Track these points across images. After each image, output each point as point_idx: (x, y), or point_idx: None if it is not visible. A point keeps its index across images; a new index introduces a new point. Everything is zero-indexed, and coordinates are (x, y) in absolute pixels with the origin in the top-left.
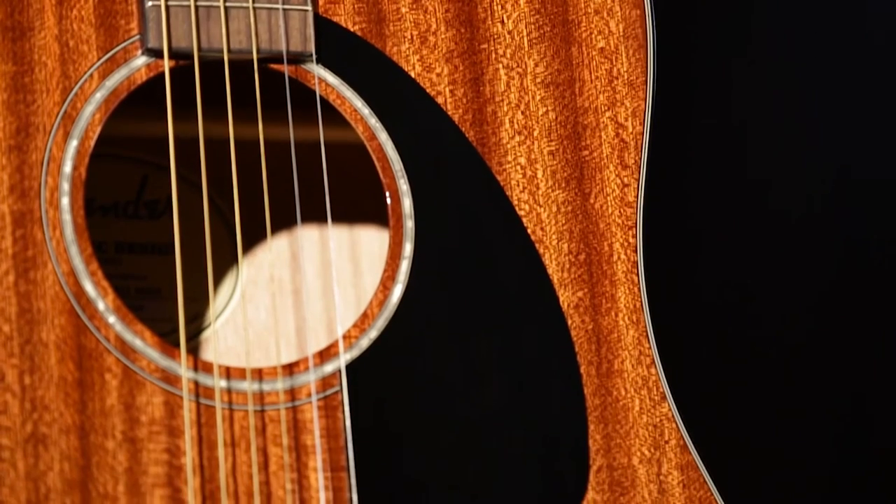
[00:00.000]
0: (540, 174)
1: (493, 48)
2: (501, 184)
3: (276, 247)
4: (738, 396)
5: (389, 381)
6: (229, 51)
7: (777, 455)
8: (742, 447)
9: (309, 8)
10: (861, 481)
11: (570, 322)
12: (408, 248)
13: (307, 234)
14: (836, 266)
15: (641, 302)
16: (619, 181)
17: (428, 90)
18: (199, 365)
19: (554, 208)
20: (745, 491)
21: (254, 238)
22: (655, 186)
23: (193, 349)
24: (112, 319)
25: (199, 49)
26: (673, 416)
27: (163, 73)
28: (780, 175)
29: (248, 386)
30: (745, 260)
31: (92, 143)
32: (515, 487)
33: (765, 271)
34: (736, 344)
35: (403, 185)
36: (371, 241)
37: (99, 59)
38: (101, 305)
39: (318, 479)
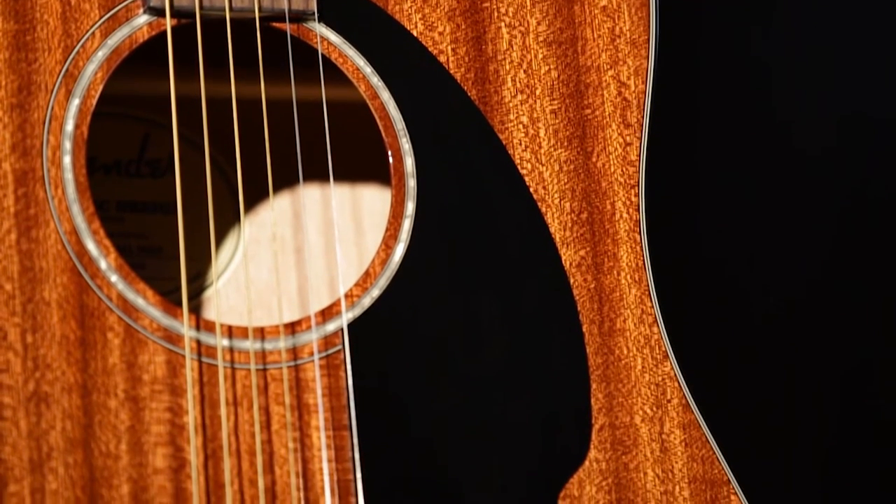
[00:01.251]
0: (542, 133)
1: (495, 6)
2: (503, 142)
3: (278, 206)
4: (740, 355)
5: (391, 340)
6: (231, 9)
7: (779, 414)
8: (744, 406)
9: None
10: (863, 441)
11: (572, 281)
12: (410, 207)
13: (309, 193)
14: (839, 225)
15: (643, 261)
16: (621, 140)
17: (430, 49)
18: (201, 324)
19: (556, 167)
20: (746, 450)
21: (256, 197)
22: (658, 145)
23: (195, 308)
24: (114, 278)
25: (201, 7)
26: (675, 375)
27: (164, 32)
28: (783, 133)
29: (250, 345)
30: (747, 218)
31: (94, 101)
32: (517, 446)
33: (768, 229)
34: (738, 303)
35: (405, 144)
36: (373, 200)
37: (101, 17)
38: (103, 264)
39: (321, 438)
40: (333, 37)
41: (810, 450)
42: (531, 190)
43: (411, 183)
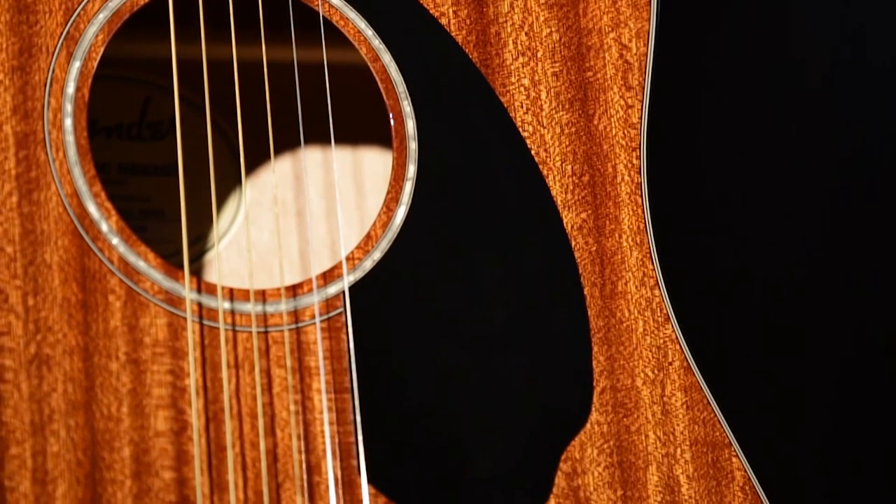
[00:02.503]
0: (543, 95)
1: None
2: (505, 105)
3: (279, 168)
4: (741, 317)
5: (393, 303)
6: None
7: (781, 376)
8: (746, 369)
9: None
10: (866, 403)
11: (573, 243)
12: (411, 170)
13: (310, 156)
14: (842, 188)
15: (645, 223)
16: (622, 102)
17: (431, 11)
18: (202, 286)
19: (557, 130)
20: (748, 412)
21: (257, 160)
22: (659, 108)
23: (197, 271)
24: (115, 241)
25: None
26: (676, 337)
27: None
28: (788, 95)
29: (251, 307)
30: (749, 179)
31: (95, 64)
32: (519, 409)
33: (769, 190)
34: (740, 266)
35: (407, 107)
36: (374, 163)
37: None
38: (104, 227)
39: (322, 401)
40: None
41: (812, 412)
42: (532, 153)
43: (413, 145)
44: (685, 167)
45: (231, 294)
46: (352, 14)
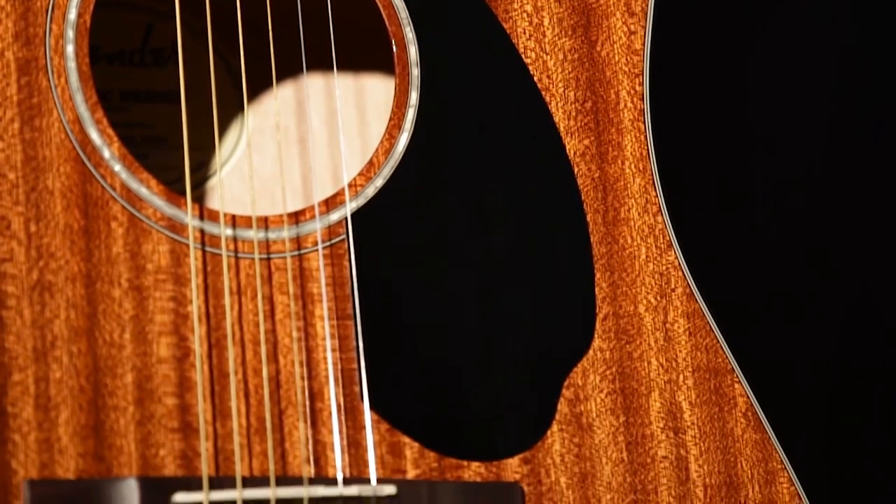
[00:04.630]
0: (546, 22)
1: None
2: (507, 31)
3: (281, 95)
4: (744, 244)
5: (395, 229)
6: None
7: (785, 302)
8: (749, 295)
9: None
10: (871, 330)
11: (576, 170)
12: (414, 97)
13: (313, 83)
14: (844, 110)
15: (648, 150)
16: (625, 28)
17: None
18: (204, 213)
19: (560, 56)
20: (751, 338)
21: (259, 86)
22: (663, 33)
23: (199, 198)
24: (118, 167)
25: None
26: (679, 264)
27: None
28: (792, 19)
29: (253, 234)
30: (752, 106)
31: None
32: (521, 336)
33: (772, 118)
34: (743, 192)
35: (409, 33)
36: (377, 90)
37: None
38: (106, 153)
39: (324, 328)
40: None
41: (816, 338)
42: (535, 79)
43: (415, 72)
44: (688, 93)
45: (233, 221)
46: None
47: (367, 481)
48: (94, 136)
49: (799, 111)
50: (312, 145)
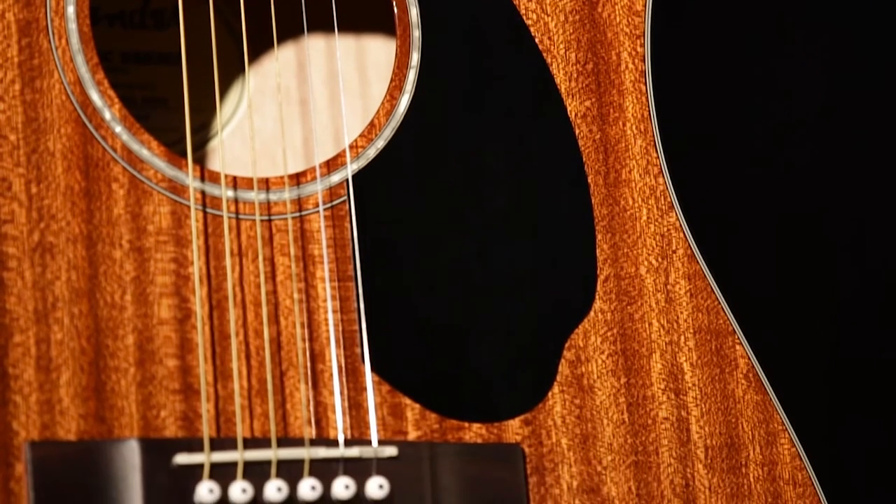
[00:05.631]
0: None
1: None
2: None
3: (282, 56)
4: (745, 205)
5: (396, 191)
6: None
7: (787, 263)
8: (750, 256)
9: None
10: (875, 289)
11: (577, 132)
12: (415, 58)
13: (314, 44)
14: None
15: (649, 111)
16: None
17: None
18: (205, 174)
19: (561, 17)
20: (752, 300)
21: (260, 47)
22: None
23: (200, 159)
24: (118, 129)
25: None
26: (680, 225)
27: None
28: None
29: (254, 195)
30: (756, 66)
31: None
32: (522, 297)
33: (775, 77)
34: (744, 152)
35: None
36: (378, 51)
37: None
38: (107, 115)
39: (326, 289)
40: None
41: (818, 299)
42: (536, 40)
43: (416, 33)
44: (690, 54)
45: (234, 182)
46: None
47: (368, 443)
48: (95, 97)
49: (803, 70)
50: (313, 106)
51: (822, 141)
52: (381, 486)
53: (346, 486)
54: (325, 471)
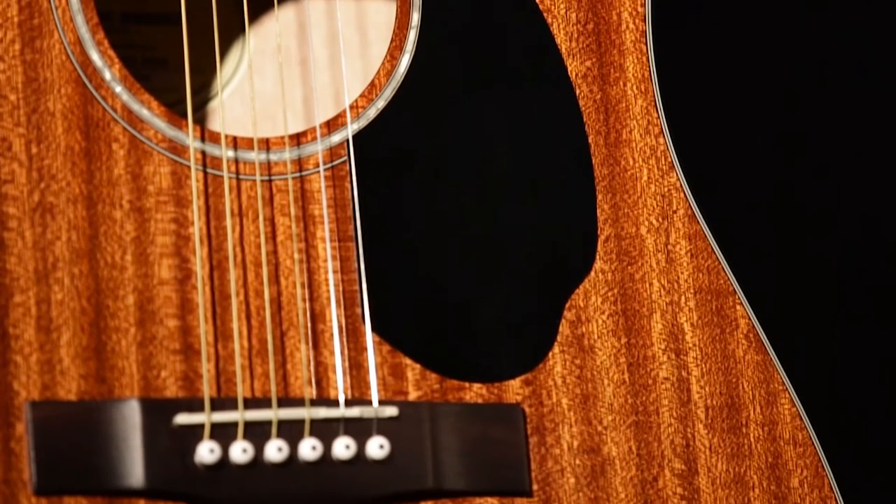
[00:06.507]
0: None
1: None
2: None
3: (282, 17)
4: (746, 165)
5: (397, 151)
6: None
7: (787, 223)
8: (751, 216)
9: None
10: (876, 249)
11: (578, 92)
12: (415, 18)
13: (314, 4)
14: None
15: (650, 71)
16: None
17: None
18: (206, 135)
19: None
20: (752, 259)
21: (260, 8)
22: None
23: (200, 120)
24: (119, 89)
25: None
26: (681, 185)
27: None
28: None
29: (255, 156)
30: (756, 27)
31: None
32: (523, 257)
33: (779, 36)
34: (745, 113)
35: None
36: (378, 11)
37: None
38: (107, 75)
39: (326, 249)
40: None
41: (819, 259)
42: (537, 1)
43: None
44: (691, 13)
45: (235, 142)
46: None
47: (369, 403)
48: (95, 57)
49: (804, 29)
50: (314, 67)
51: (826, 99)
52: (381, 447)
53: (347, 447)
54: (325, 431)
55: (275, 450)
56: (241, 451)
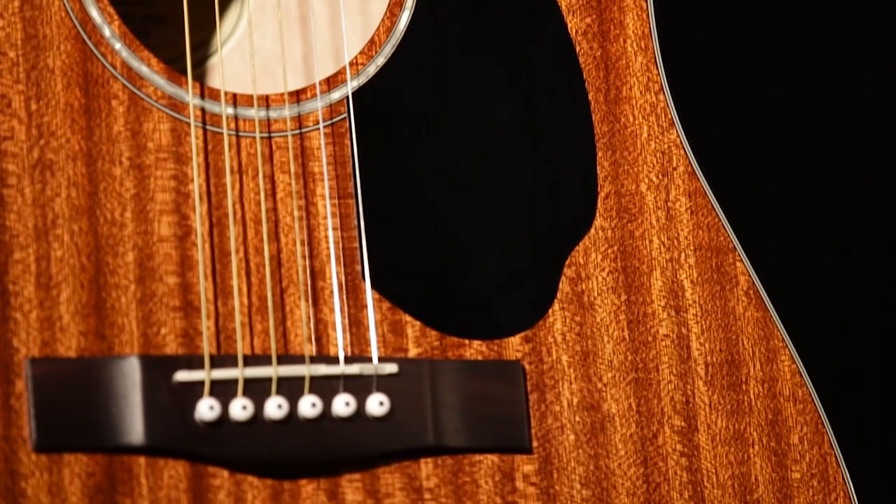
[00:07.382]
0: None
1: None
2: None
3: None
4: (746, 121)
5: (397, 108)
6: None
7: (787, 180)
8: (750, 173)
9: None
10: (875, 215)
11: (578, 49)
12: None
13: None
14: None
15: (650, 28)
16: None
17: None
18: (205, 92)
19: None
20: (752, 216)
21: None
22: None
23: (200, 76)
24: (118, 45)
25: None
26: (681, 142)
27: None
28: None
29: (254, 113)
30: None
31: None
32: (523, 214)
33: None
34: (745, 69)
35: None
36: None
37: None
38: (106, 31)
39: (326, 206)
40: None
41: (818, 216)
42: None
43: None
44: None
45: (234, 99)
46: None
47: (369, 360)
48: (95, 14)
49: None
50: (313, 23)
51: (825, 58)
52: (381, 403)
53: (347, 404)
54: (325, 388)
55: (274, 407)
56: (240, 409)
